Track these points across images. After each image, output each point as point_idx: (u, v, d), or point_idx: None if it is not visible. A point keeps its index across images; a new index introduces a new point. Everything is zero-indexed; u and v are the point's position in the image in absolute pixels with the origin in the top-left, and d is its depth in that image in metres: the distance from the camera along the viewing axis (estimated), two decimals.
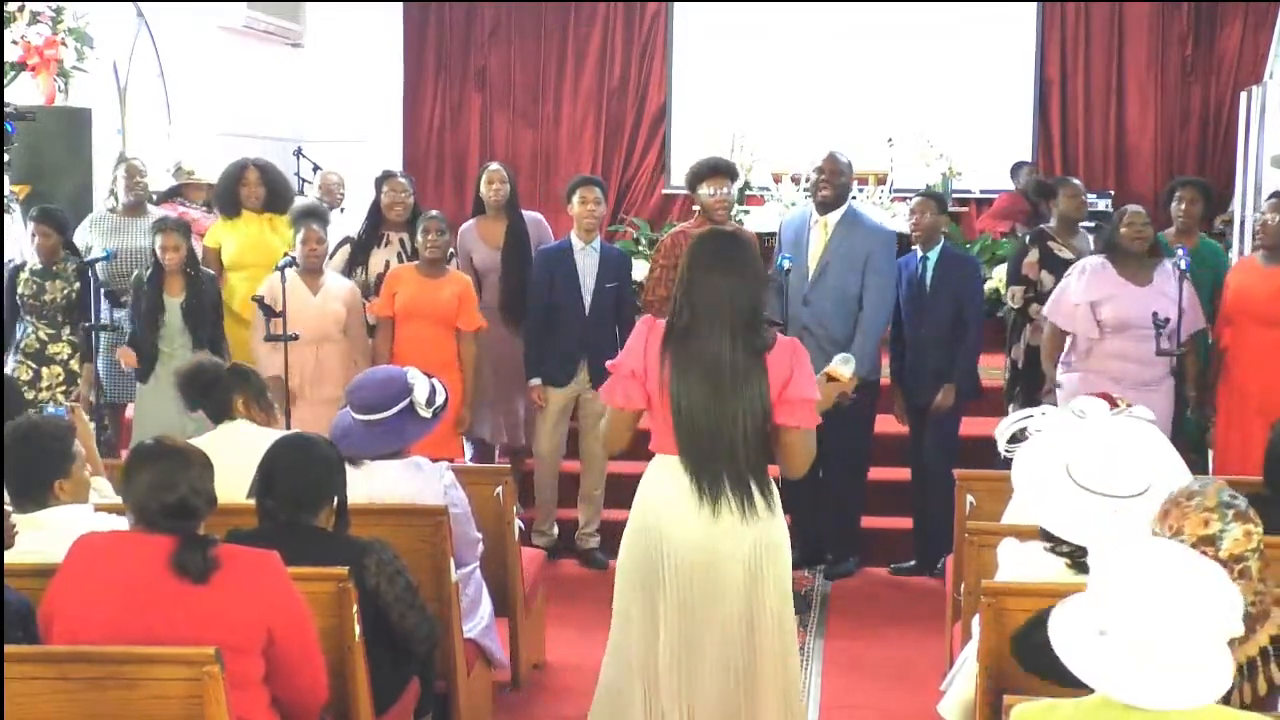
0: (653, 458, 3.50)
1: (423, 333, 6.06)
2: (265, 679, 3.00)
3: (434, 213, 6.29)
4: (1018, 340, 6.33)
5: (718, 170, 6.10)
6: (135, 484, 2.96)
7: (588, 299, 6.20)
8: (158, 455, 2.99)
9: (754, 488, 3.38)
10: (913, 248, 6.23)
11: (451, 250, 6.58)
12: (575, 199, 6.23)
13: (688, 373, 3.35)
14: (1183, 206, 6.23)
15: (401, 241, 6.54)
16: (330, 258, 6.59)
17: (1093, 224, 7.50)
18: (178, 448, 3.03)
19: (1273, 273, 5.63)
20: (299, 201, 6.59)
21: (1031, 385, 6.14)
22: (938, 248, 6.07)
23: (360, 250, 6.64)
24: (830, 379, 3.59)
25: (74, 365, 6.19)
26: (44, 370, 6.16)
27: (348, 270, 6.55)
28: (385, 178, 6.72)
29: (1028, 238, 6.49)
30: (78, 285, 6.16)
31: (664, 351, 3.38)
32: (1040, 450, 3.19)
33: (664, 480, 3.43)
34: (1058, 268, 6.08)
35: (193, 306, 6.09)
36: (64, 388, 6.13)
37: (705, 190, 6.04)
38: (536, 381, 6.27)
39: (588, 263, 6.21)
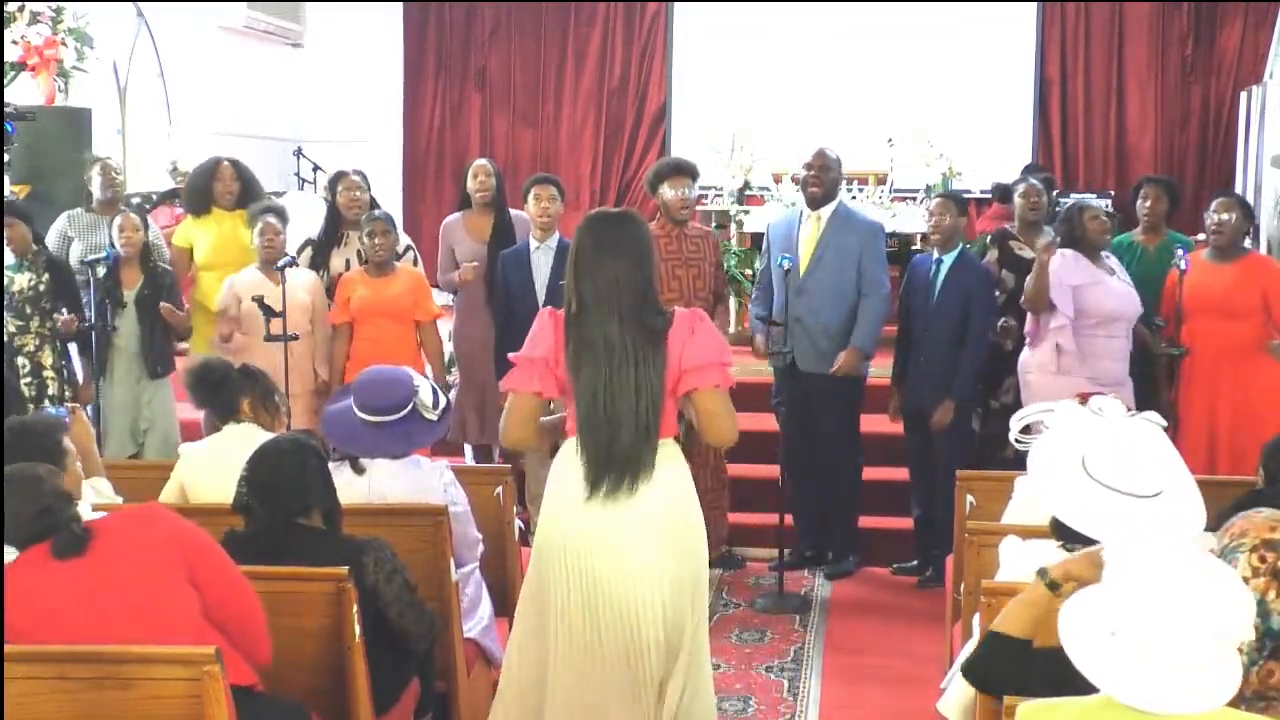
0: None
1: (382, 331, 6.06)
2: (207, 614, 3.00)
3: (378, 213, 6.27)
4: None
5: (681, 170, 6.09)
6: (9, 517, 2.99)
7: (541, 297, 6.14)
8: (8, 490, 2.99)
9: (649, 470, 3.34)
10: (914, 247, 6.21)
11: (407, 244, 6.55)
12: (530, 198, 6.18)
13: (583, 358, 3.34)
14: (1148, 204, 6.28)
15: (361, 240, 6.48)
16: (296, 262, 6.53)
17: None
18: (17, 476, 3.01)
19: (1224, 269, 5.74)
20: (259, 202, 6.55)
21: (993, 386, 6.13)
22: (955, 252, 5.99)
23: (320, 252, 6.58)
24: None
25: (41, 358, 6.09)
26: (14, 363, 6.10)
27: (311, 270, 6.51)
28: (338, 177, 6.67)
29: (989, 237, 6.51)
30: (46, 277, 6.11)
31: (565, 339, 3.38)
32: (1058, 441, 3.18)
33: (570, 464, 3.42)
34: (1018, 267, 6.09)
35: (147, 298, 6.10)
36: (29, 380, 6.08)
37: (667, 190, 6.02)
38: (503, 386, 6.20)
39: (542, 261, 6.16)
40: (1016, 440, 3.51)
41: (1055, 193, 7.46)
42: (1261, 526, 2.64)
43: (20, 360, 6.04)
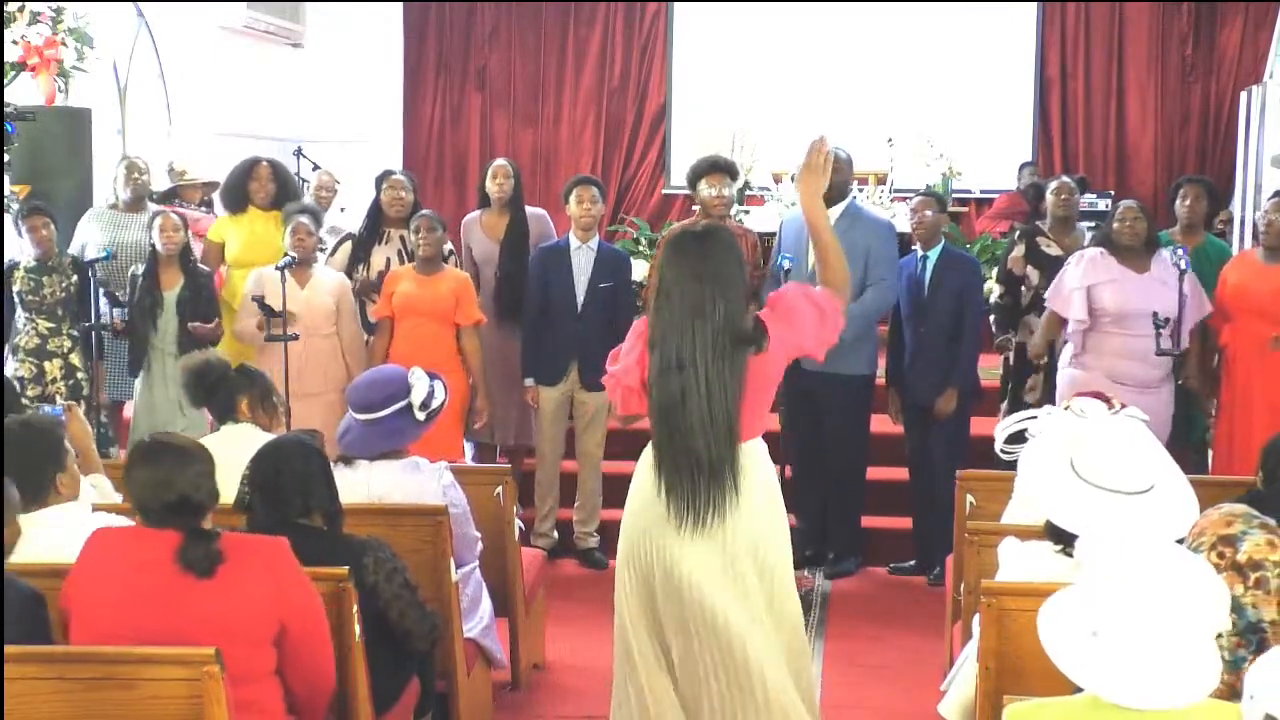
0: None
1: (421, 330, 6.07)
2: (276, 670, 3.00)
3: (426, 211, 6.32)
4: (1007, 338, 6.32)
5: (717, 168, 6.11)
6: (135, 481, 2.97)
7: (580, 298, 6.20)
8: (157, 452, 2.99)
9: (730, 486, 3.36)
10: (913, 247, 6.24)
11: (450, 248, 6.60)
12: (572, 199, 6.25)
13: (660, 378, 3.34)
14: (1187, 203, 6.24)
15: (402, 239, 6.56)
16: (332, 255, 6.65)
17: (1093, 224, 7.49)
18: (177, 445, 3.04)
19: (1273, 270, 5.64)
20: (295, 203, 6.62)
21: (1019, 385, 6.13)
22: (938, 247, 6.07)
23: (361, 248, 6.66)
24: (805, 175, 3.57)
25: (74, 359, 6.20)
26: (46, 365, 6.18)
27: (350, 268, 6.57)
28: (385, 176, 6.76)
29: (1017, 233, 6.51)
30: (75, 279, 6.18)
31: (649, 362, 3.38)
32: (1046, 445, 3.20)
33: (650, 480, 3.44)
34: (1045, 264, 6.10)
35: (187, 300, 6.14)
36: (66, 381, 6.15)
37: (705, 188, 6.06)
38: (530, 381, 6.29)
39: (583, 262, 6.22)
40: (1003, 451, 3.53)
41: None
42: (1218, 523, 2.66)
43: (56, 361, 6.10)
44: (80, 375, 6.20)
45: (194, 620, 2.88)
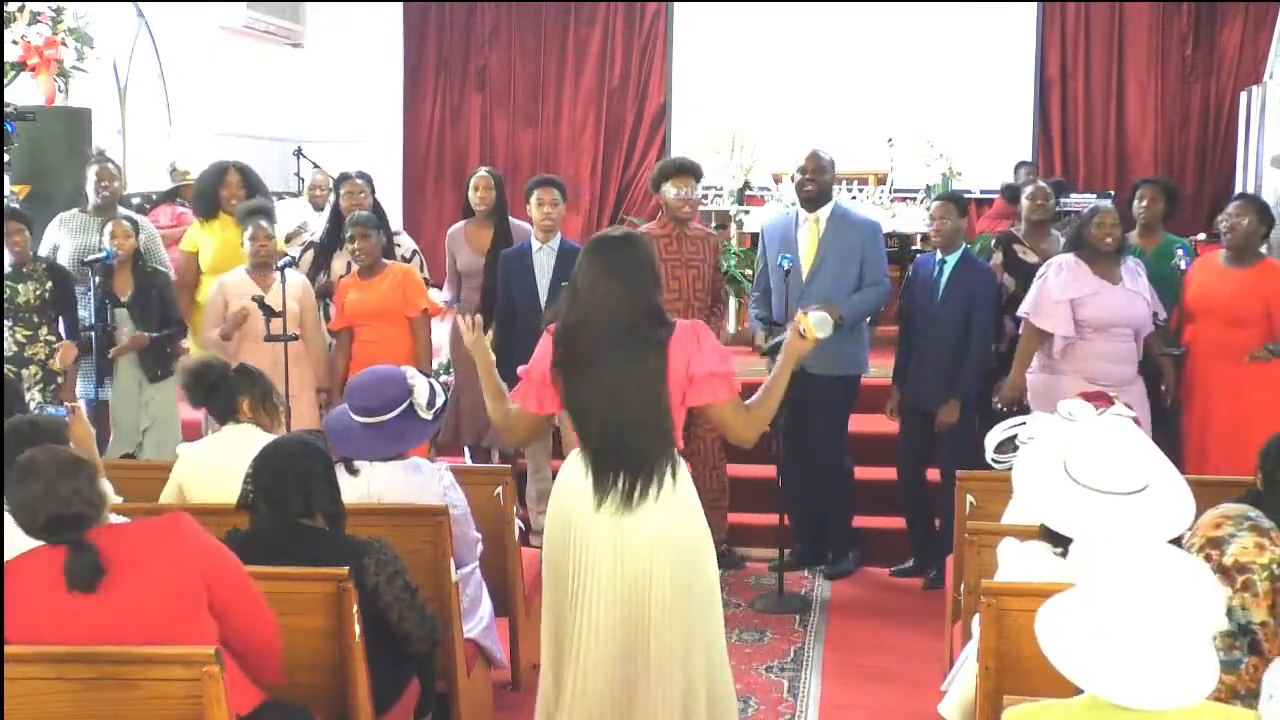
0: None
1: (378, 333, 6.07)
2: (223, 640, 2.97)
3: (358, 215, 6.21)
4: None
5: (683, 170, 6.09)
6: (10, 504, 2.89)
7: (543, 298, 6.16)
8: (26, 473, 2.87)
9: (655, 480, 3.40)
10: (914, 247, 6.23)
11: (412, 247, 6.57)
12: (533, 200, 6.17)
13: (579, 378, 3.42)
14: (1144, 204, 6.26)
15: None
16: (296, 263, 6.57)
17: None
18: (43, 463, 2.89)
19: (1235, 274, 5.68)
20: (245, 203, 6.57)
21: (987, 385, 6.11)
22: (958, 253, 6.00)
23: (323, 254, 6.60)
24: (801, 336, 3.55)
25: (52, 365, 6.16)
26: (23, 372, 6.14)
27: (312, 274, 6.52)
28: (342, 179, 6.71)
29: (994, 240, 6.49)
30: (50, 285, 6.15)
31: (555, 357, 3.45)
32: (1038, 450, 3.20)
33: (576, 475, 3.47)
34: (1021, 271, 6.07)
35: (138, 300, 6.15)
36: (41, 387, 6.12)
37: (670, 189, 6.03)
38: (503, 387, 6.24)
39: (544, 263, 6.17)
40: (994, 460, 3.54)
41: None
42: (1208, 525, 2.65)
43: (32, 369, 6.08)
44: (60, 381, 6.16)
45: (124, 617, 2.83)
